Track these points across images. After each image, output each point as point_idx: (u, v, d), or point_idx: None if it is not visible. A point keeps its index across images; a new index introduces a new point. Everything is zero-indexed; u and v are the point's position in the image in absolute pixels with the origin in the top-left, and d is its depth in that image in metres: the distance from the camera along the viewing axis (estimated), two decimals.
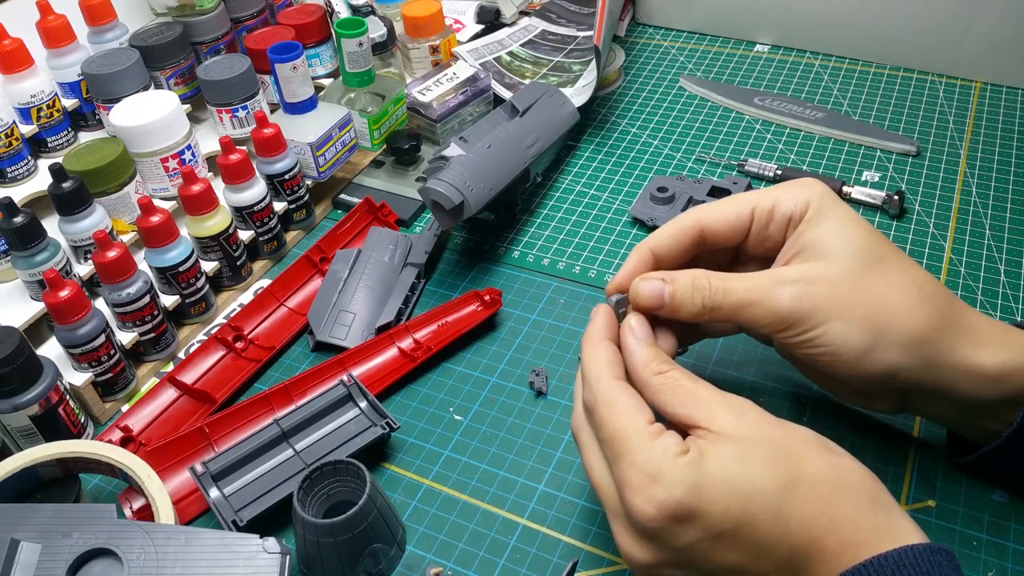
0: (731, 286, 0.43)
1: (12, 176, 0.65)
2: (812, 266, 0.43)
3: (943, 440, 0.51)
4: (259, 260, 0.69)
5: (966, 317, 0.43)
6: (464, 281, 0.66)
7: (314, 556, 0.45)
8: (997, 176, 0.71)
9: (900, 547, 0.35)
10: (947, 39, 0.80)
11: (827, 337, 0.42)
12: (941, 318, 0.42)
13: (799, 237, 0.44)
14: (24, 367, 0.51)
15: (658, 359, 0.42)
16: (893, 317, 0.42)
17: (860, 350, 0.42)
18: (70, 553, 0.41)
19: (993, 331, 0.43)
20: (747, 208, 0.46)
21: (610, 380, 0.42)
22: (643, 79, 0.88)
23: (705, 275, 0.44)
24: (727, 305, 0.43)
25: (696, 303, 0.44)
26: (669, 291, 0.44)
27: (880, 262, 0.43)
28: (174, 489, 0.52)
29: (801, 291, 0.42)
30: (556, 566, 0.47)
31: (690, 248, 0.47)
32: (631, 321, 0.44)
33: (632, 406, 0.40)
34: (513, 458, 0.53)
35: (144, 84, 0.69)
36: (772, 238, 0.46)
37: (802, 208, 0.44)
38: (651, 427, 0.39)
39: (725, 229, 0.46)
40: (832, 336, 0.42)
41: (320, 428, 0.54)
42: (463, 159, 0.64)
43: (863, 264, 0.42)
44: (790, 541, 0.36)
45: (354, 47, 0.73)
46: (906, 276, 0.43)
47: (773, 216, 0.45)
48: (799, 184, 0.45)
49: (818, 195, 0.44)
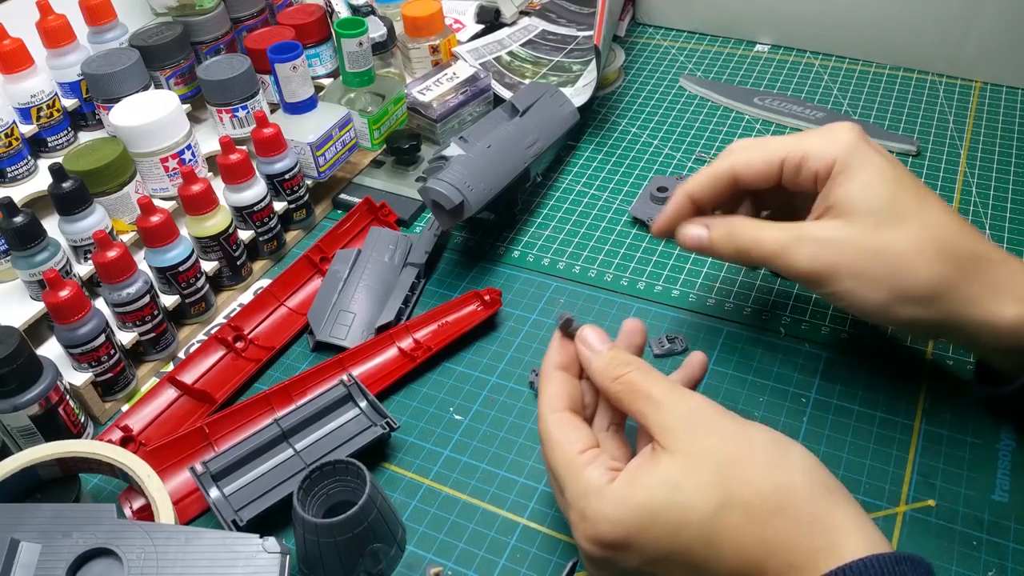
0: (759, 235, 0.47)
1: (12, 176, 0.65)
2: (833, 224, 0.45)
3: (943, 440, 0.51)
4: (259, 260, 0.69)
5: (990, 269, 0.44)
6: (464, 281, 0.66)
7: (314, 556, 0.45)
8: (997, 176, 0.71)
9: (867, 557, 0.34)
10: (947, 39, 0.80)
11: (843, 295, 0.45)
12: (958, 272, 0.43)
13: (828, 194, 0.46)
14: (24, 367, 0.51)
15: (613, 363, 0.43)
16: (907, 274, 0.43)
17: (877, 306, 0.44)
18: (70, 553, 0.41)
19: (1017, 282, 0.44)
20: (776, 158, 0.48)
21: (548, 415, 0.43)
22: (643, 79, 0.88)
23: (740, 224, 0.48)
24: (756, 254, 0.47)
25: (730, 249, 0.48)
26: (708, 236, 0.49)
27: (900, 218, 0.44)
28: (174, 489, 0.52)
29: (818, 250, 0.45)
30: (556, 566, 0.47)
31: (725, 191, 0.50)
32: (582, 334, 0.45)
33: (565, 439, 0.41)
34: (513, 458, 0.53)
35: (144, 84, 0.69)
36: (804, 187, 0.48)
37: (828, 165, 0.46)
38: (581, 457, 0.40)
39: (755, 177, 0.49)
40: (849, 293, 0.44)
41: (320, 428, 0.54)
42: (463, 159, 0.64)
43: (882, 222, 0.44)
44: (727, 566, 0.36)
45: (354, 47, 0.73)
46: (925, 231, 0.44)
47: (801, 171, 0.47)
48: (829, 135, 0.47)
49: (846, 149, 0.46)
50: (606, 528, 0.37)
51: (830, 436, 0.52)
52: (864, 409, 0.53)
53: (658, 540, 0.37)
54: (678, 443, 0.38)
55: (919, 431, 0.52)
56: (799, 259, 0.45)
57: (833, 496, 0.37)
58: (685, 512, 0.37)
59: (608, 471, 0.39)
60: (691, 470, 0.37)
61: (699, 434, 0.38)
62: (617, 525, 0.37)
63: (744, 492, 0.37)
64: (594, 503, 0.38)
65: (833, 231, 0.45)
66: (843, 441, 0.52)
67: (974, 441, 0.51)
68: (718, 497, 0.36)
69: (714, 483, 0.37)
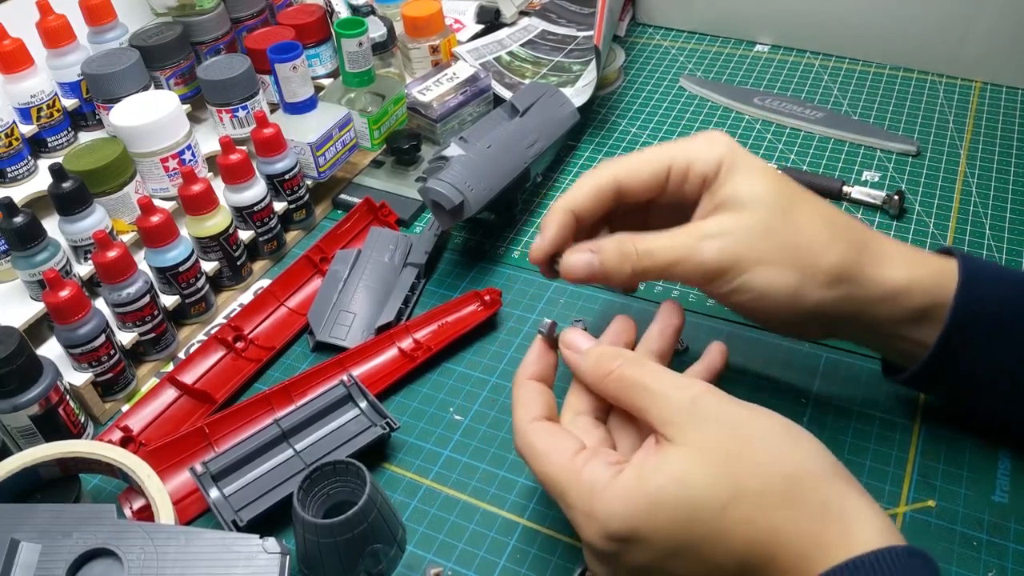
0: (656, 246, 0.45)
1: (12, 176, 0.65)
2: (731, 217, 0.44)
3: (943, 440, 0.51)
4: (259, 260, 0.69)
5: (880, 243, 0.45)
6: (464, 281, 0.66)
7: (314, 556, 0.45)
8: (997, 176, 0.71)
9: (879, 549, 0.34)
10: (947, 39, 0.80)
11: (754, 283, 0.44)
12: (854, 249, 0.44)
13: (715, 192, 0.45)
14: (24, 367, 0.51)
15: (601, 360, 0.42)
16: (812, 256, 0.43)
17: (786, 291, 0.43)
18: (70, 553, 0.41)
19: (902, 251, 0.45)
20: (663, 167, 0.47)
21: (526, 425, 0.42)
22: (643, 79, 0.88)
23: (630, 240, 0.45)
24: (655, 266, 0.45)
25: (626, 269, 0.45)
26: (598, 261, 0.46)
27: (792, 206, 0.45)
28: (174, 489, 0.52)
29: (724, 243, 0.44)
30: (556, 566, 0.47)
31: (607, 204, 0.48)
32: (565, 337, 0.45)
33: (553, 447, 0.41)
34: (513, 458, 0.53)
35: (144, 84, 0.69)
36: (687, 194, 0.47)
37: (715, 168, 0.46)
38: (576, 460, 0.40)
39: (641, 188, 0.47)
40: (758, 282, 0.43)
41: (320, 428, 0.54)
42: (463, 159, 0.64)
43: (777, 210, 0.44)
44: (737, 557, 0.36)
45: (354, 47, 0.73)
46: (818, 215, 0.45)
47: (688, 177, 0.46)
48: (708, 141, 0.46)
49: (729, 151, 0.46)
50: (616, 523, 0.37)
51: (830, 436, 0.52)
52: (864, 409, 0.53)
53: (669, 534, 0.36)
54: (684, 435, 0.38)
55: (919, 431, 0.52)
56: (707, 256, 0.44)
57: (844, 484, 0.37)
58: (695, 506, 0.36)
59: (610, 466, 0.39)
60: (700, 463, 0.37)
61: (705, 424, 0.38)
62: (627, 519, 0.37)
63: (754, 483, 0.36)
64: (601, 499, 0.38)
65: (735, 223, 0.44)
66: (843, 441, 0.52)
67: (974, 441, 0.51)
68: (729, 489, 0.36)
69: (724, 475, 0.36)
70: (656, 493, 0.37)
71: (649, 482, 0.37)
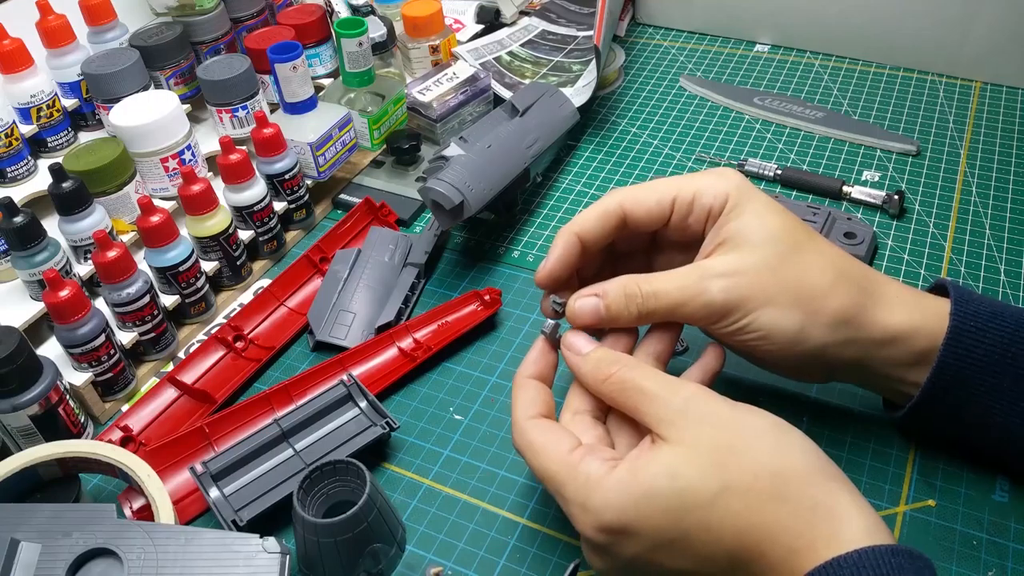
0: (661, 288, 0.44)
1: (12, 176, 0.65)
2: (736, 257, 0.44)
3: (943, 440, 0.51)
4: (259, 260, 0.69)
5: (881, 287, 0.45)
6: (464, 281, 0.66)
7: (314, 556, 0.45)
8: (997, 176, 0.71)
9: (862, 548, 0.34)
10: (947, 39, 0.80)
11: (759, 323, 0.43)
12: (859, 292, 0.44)
13: (720, 229, 0.45)
14: (24, 367, 0.51)
15: (601, 363, 0.43)
16: (817, 298, 0.43)
17: (791, 332, 0.43)
18: (70, 553, 0.41)
19: (905, 296, 0.45)
20: (668, 198, 0.46)
21: (524, 423, 0.43)
22: (643, 79, 0.88)
23: (635, 282, 0.45)
24: (661, 308, 0.44)
25: (632, 312, 0.45)
26: (603, 305, 0.45)
27: (798, 247, 0.44)
28: (174, 489, 0.52)
29: (730, 283, 0.43)
30: (556, 566, 0.47)
31: (612, 232, 0.47)
32: (567, 339, 0.45)
33: (551, 442, 0.42)
34: (513, 458, 0.53)
35: (144, 84, 0.69)
36: (692, 228, 0.47)
37: (721, 201, 0.45)
38: (573, 455, 0.40)
39: (646, 218, 0.47)
40: (763, 322, 0.43)
41: (320, 428, 0.54)
42: (463, 159, 0.64)
43: (783, 250, 0.44)
44: (726, 550, 0.37)
45: (354, 47, 0.73)
46: (823, 257, 0.45)
47: (693, 208, 0.46)
48: (717, 175, 0.46)
49: (736, 187, 0.45)
50: (609, 515, 0.38)
51: (830, 436, 0.52)
52: (864, 409, 0.53)
53: (660, 526, 0.38)
54: (676, 433, 0.39)
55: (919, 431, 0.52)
56: (712, 296, 0.43)
57: (834, 482, 0.38)
58: (685, 499, 0.37)
59: (605, 462, 0.40)
60: (691, 458, 0.38)
61: (696, 423, 0.39)
62: (620, 511, 0.38)
63: (743, 479, 0.37)
64: (596, 491, 0.39)
65: (739, 263, 0.44)
66: (843, 441, 0.52)
67: None
68: (718, 483, 0.37)
69: (713, 470, 0.37)
70: (648, 486, 0.38)
71: (641, 476, 0.38)
